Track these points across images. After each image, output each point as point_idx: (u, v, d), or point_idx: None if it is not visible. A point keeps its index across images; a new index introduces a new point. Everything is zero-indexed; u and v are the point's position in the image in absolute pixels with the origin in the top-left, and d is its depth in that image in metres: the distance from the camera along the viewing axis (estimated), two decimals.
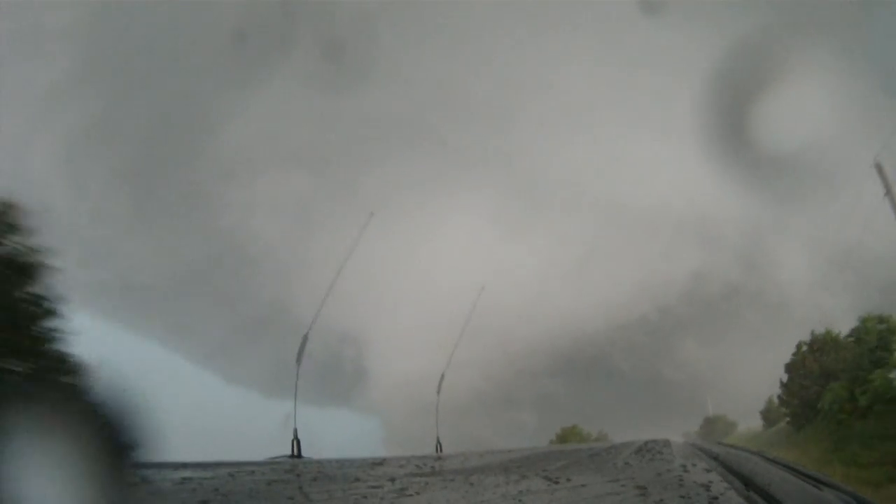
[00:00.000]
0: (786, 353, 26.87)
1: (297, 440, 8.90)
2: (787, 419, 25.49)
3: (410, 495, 2.12)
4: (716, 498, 1.59)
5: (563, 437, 31.68)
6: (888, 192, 20.05)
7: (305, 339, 13.47)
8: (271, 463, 5.98)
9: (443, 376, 14.59)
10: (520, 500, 1.84)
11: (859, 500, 1.66)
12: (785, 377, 25.35)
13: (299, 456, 8.62)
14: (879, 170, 21.40)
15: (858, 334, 21.65)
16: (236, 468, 4.08)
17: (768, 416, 29.91)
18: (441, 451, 11.86)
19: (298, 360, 12.91)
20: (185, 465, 4.08)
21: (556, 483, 2.08)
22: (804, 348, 24.75)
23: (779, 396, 26.75)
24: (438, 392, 14.72)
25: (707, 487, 1.70)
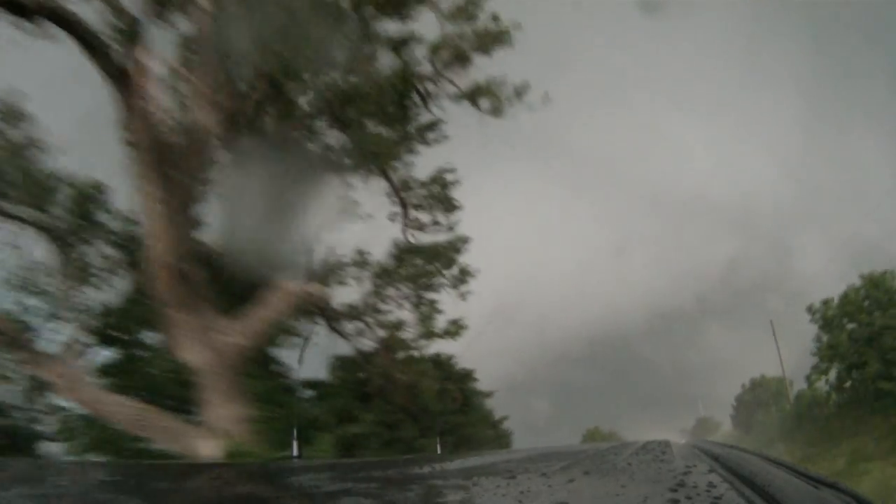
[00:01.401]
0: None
1: (298, 440, 8.93)
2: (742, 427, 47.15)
3: (411, 496, 2.12)
4: (718, 498, 1.59)
5: (589, 438, 35.41)
6: (777, 347, 32.01)
7: (306, 341, 13.50)
8: (272, 463, 5.99)
9: None
10: (520, 501, 1.84)
11: (859, 501, 1.66)
12: (746, 393, 49.19)
13: (300, 456, 8.62)
14: (772, 327, 30.52)
15: (774, 385, 42.86)
16: (237, 468, 4.08)
17: (735, 421, 49.41)
18: (441, 451, 11.91)
19: (300, 361, 12.97)
20: (185, 465, 4.09)
21: (558, 484, 2.08)
22: (748, 386, 46.96)
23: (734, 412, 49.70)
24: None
25: (708, 488, 1.70)
